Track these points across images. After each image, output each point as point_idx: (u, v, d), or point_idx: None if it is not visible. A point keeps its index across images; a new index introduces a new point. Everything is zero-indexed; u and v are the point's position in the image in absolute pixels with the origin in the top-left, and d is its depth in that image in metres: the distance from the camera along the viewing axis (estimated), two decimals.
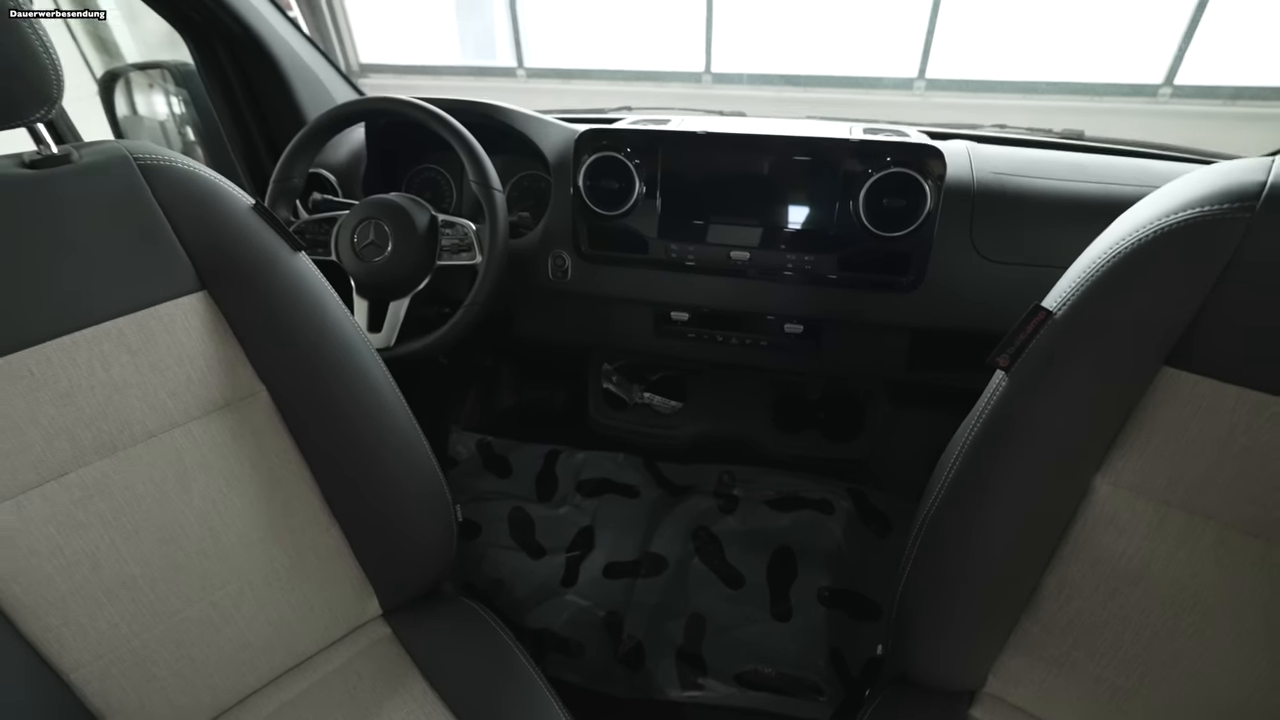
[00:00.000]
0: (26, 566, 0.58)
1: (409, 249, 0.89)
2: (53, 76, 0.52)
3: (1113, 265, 0.50)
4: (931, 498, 0.63)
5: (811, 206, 0.91)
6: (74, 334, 0.58)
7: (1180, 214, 0.48)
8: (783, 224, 0.92)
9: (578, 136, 0.96)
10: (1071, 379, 0.52)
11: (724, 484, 1.34)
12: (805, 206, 0.91)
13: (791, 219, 0.92)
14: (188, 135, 1.34)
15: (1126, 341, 0.50)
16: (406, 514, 0.77)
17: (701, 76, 3.79)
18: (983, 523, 0.59)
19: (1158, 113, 3.29)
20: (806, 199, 0.91)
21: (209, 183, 0.63)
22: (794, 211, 0.91)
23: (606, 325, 1.07)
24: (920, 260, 0.88)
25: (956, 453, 0.60)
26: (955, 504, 0.60)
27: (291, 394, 0.70)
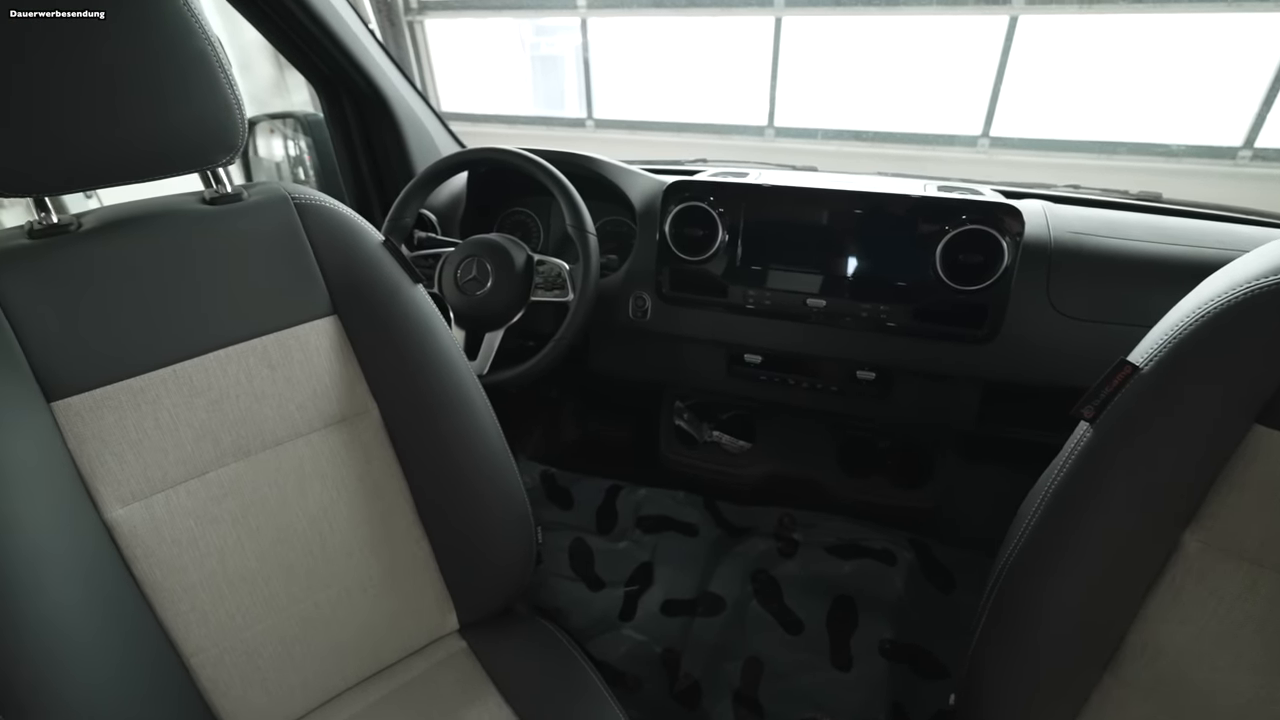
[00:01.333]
0: (169, 555, 0.64)
1: (507, 284, 0.97)
2: (240, 128, 0.61)
3: (1203, 323, 0.51)
4: (1009, 550, 0.63)
5: (886, 258, 0.95)
6: (228, 348, 0.66)
7: (1271, 279, 0.49)
8: (857, 274, 0.96)
9: (666, 186, 1.03)
10: (1159, 434, 0.53)
11: (784, 527, 1.35)
12: (880, 258, 0.95)
13: (866, 270, 0.96)
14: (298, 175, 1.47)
15: (1216, 398, 0.51)
16: (491, 534, 0.82)
17: (765, 130, 3.89)
18: (1064, 576, 0.59)
19: (1237, 175, 3.20)
20: (882, 251, 0.95)
21: (350, 220, 0.71)
22: (869, 263, 0.95)
23: (680, 364, 1.12)
24: (996, 314, 0.90)
25: (1037, 505, 0.61)
26: (1035, 557, 0.61)
27: (399, 413, 0.76)
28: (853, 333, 0.98)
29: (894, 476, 1.21)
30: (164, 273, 0.62)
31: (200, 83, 0.57)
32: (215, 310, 0.64)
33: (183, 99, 0.56)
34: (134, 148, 0.56)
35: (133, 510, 0.62)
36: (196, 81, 0.56)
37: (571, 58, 4.26)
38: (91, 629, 0.57)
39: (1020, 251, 0.88)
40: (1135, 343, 0.59)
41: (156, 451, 0.63)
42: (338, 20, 1.01)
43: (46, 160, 0.53)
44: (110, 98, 0.53)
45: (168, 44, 0.54)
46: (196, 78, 0.56)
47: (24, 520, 0.54)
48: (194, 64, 0.56)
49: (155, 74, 0.54)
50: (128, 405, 0.61)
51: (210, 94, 0.58)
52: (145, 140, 0.56)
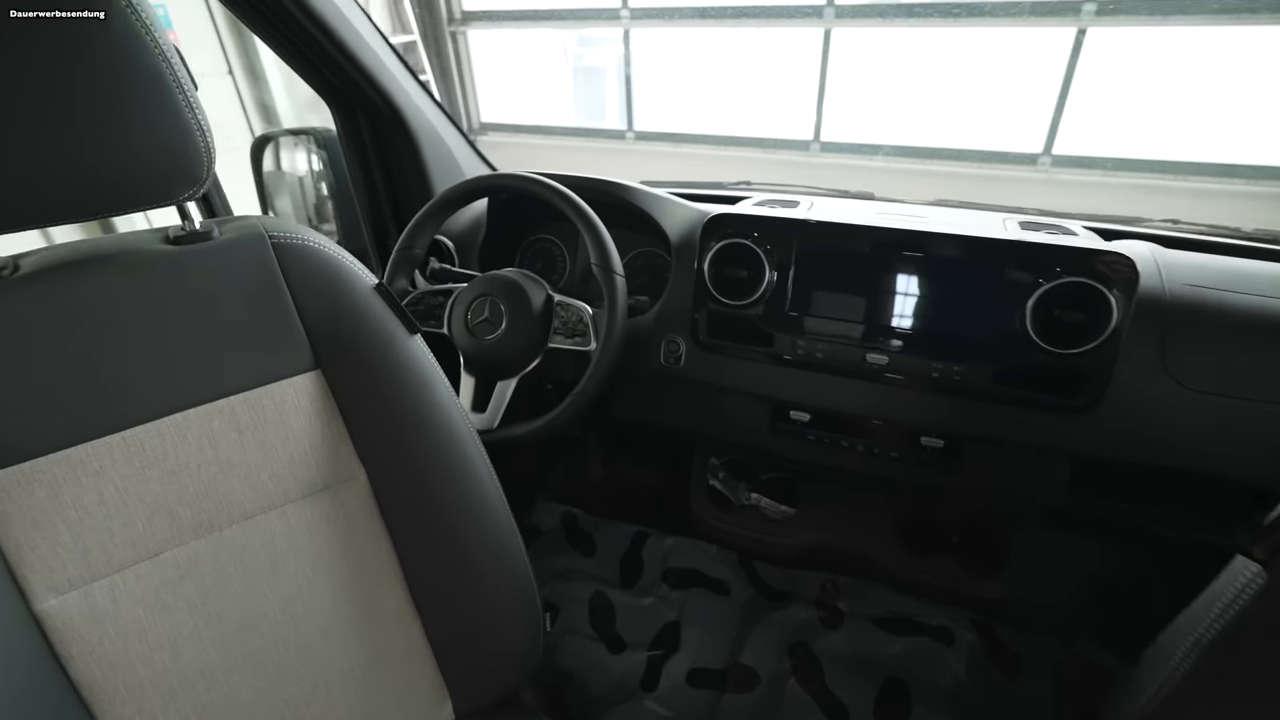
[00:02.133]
0: (112, 651, 0.55)
1: (522, 329, 0.86)
2: (204, 158, 0.52)
3: None
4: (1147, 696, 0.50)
5: (962, 310, 0.81)
6: (189, 410, 0.56)
7: None
8: (928, 327, 0.82)
9: (706, 221, 0.91)
10: None
11: (827, 594, 1.21)
12: (954, 310, 0.81)
13: (938, 323, 0.82)
14: (321, 191, 1.41)
15: None
16: (494, 617, 0.72)
17: (810, 145, 3.74)
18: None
19: None
20: (958, 303, 0.81)
21: (335, 262, 0.62)
22: (941, 315, 0.81)
23: (716, 415, 1.00)
24: (1098, 381, 0.75)
25: (1184, 650, 0.47)
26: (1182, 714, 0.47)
27: (390, 479, 0.66)
28: (919, 394, 0.84)
29: (961, 557, 1.05)
30: (115, 324, 0.53)
31: (152, 105, 0.47)
32: (173, 367, 0.55)
33: (132, 124, 0.47)
34: (78, 180, 0.47)
35: (68, 600, 0.53)
36: (147, 103, 0.47)
37: (613, 69, 4.20)
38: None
39: (1133, 308, 0.73)
40: None
41: (100, 532, 0.54)
42: (351, 33, 0.92)
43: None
44: (45, 124, 0.45)
45: (112, 58, 0.45)
46: (147, 99, 0.47)
47: None
48: (145, 84, 0.47)
49: (98, 93, 0.45)
50: (65, 479, 0.52)
51: (166, 119, 0.49)
52: (91, 171, 0.47)
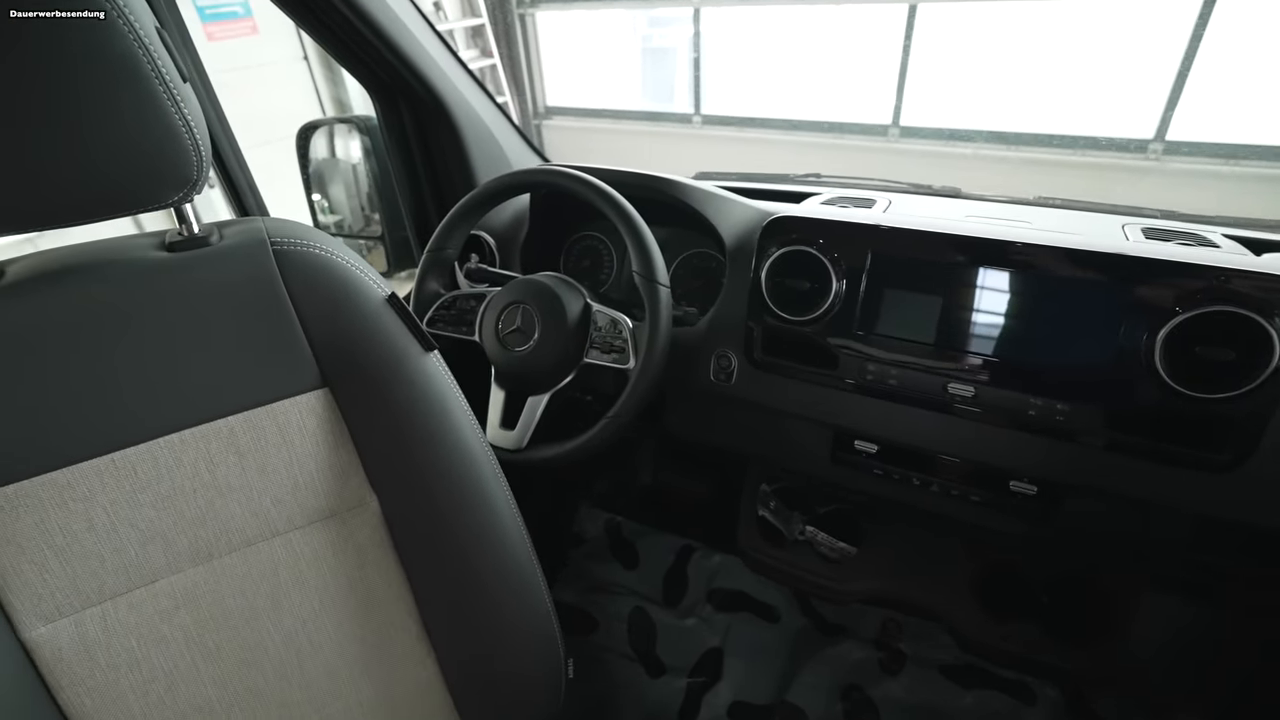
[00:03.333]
0: (104, 681, 0.52)
1: (556, 341, 0.79)
2: (193, 158, 0.46)
3: None
4: None
5: (1070, 339, 0.67)
6: (184, 431, 0.52)
7: None
8: (1026, 357, 0.70)
9: (766, 224, 0.81)
10: None
11: (888, 634, 1.10)
12: (1061, 338, 0.68)
13: (1040, 352, 0.69)
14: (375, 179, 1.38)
15: None
16: (511, 656, 0.66)
17: (889, 129, 3.51)
18: None
19: None
20: (1064, 328, 0.67)
21: (344, 270, 0.56)
22: (1044, 343, 0.68)
23: (771, 440, 0.90)
24: (1249, 433, 0.61)
25: None
26: None
27: (403, 507, 0.61)
28: (1010, 432, 0.72)
29: (1053, 624, 0.90)
30: (103, 338, 0.49)
31: (128, 101, 0.42)
32: (168, 384, 0.51)
33: (109, 120, 0.42)
34: (55, 183, 0.43)
35: (58, 628, 0.50)
36: (122, 99, 0.42)
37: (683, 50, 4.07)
38: None
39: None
40: None
41: (90, 558, 0.51)
42: (390, 18, 0.87)
43: None
44: (11, 121, 0.40)
45: (80, 44, 0.40)
46: (121, 94, 0.42)
47: None
48: (117, 73, 0.41)
49: (67, 86, 0.40)
50: (51, 503, 0.49)
51: (147, 116, 0.43)
52: (67, 174, 0.43)
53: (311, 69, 3.25)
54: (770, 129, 3.83)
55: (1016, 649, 0.90)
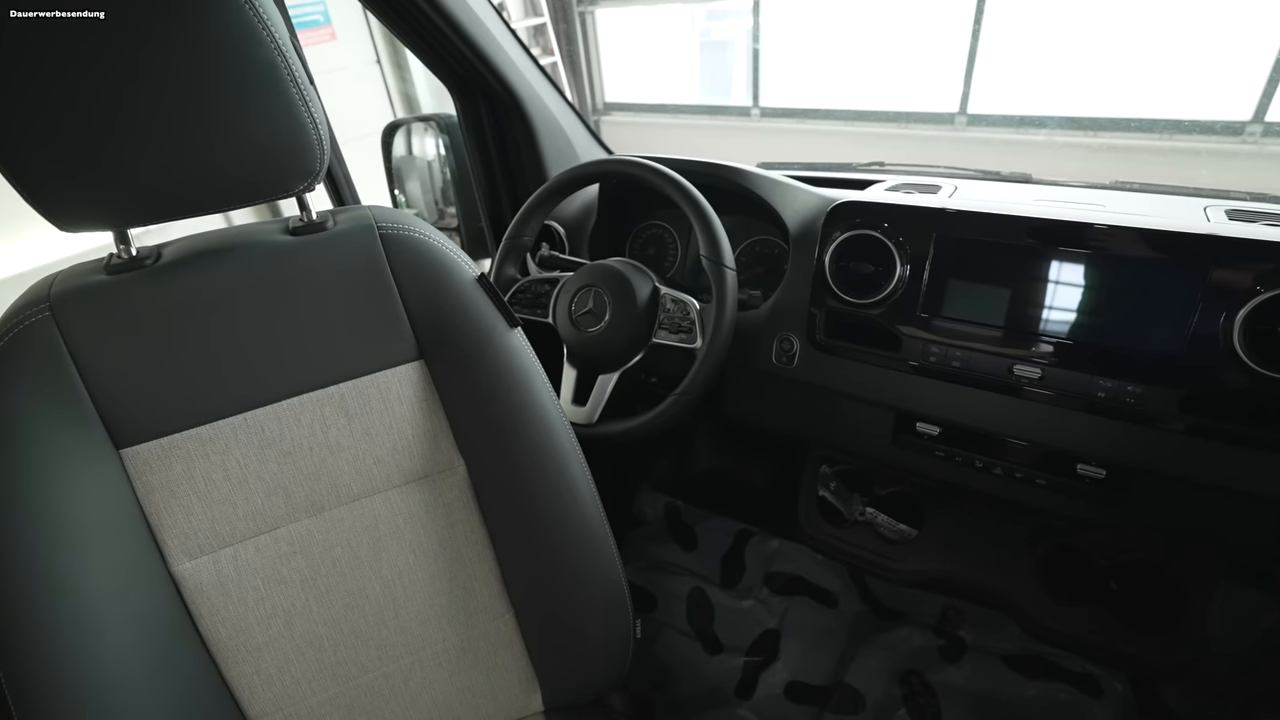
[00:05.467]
0: (235, 613, 0.60)
1: (626, 321, 0.83)
2: (318, 151, 0.53)
3: None
4: None
5: (1143, 320, 0.67)
6: (303, 395, 0.59)
7: None
8: (1094, 338, 0.69)
9: (830, 209, 0.83)
10: None
11: (949, 621, 1.10)
12: (1134, 320, 0.67)
13: (1110, 333, 0.68)
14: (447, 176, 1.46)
15: None
16: (584, 616, 0.71)
17: (956, 118, 3.41)
18: None
19: None
20: (1138, 310, 0.67)
21: (440, 253, 0.61)
22: (1115, 324, 0.68)
23: (832, 422, 0.92)
24: None
25: None
26: None
27: (488, 472, 0.66)
28: (1078, 414, 0.72)
29: (1119, 609, 0.89)
30: (240, 312, 0.56)
31: (270, 100, 0.48)
32: (290, 354, 0.58)
33: (252, 120, 0.48)
34: (205, 175, 0.49)
35: (200, 564, 0.58)
36: (265, 99, 0.48)
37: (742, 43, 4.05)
38: (155, 687, 0.54)
39: None
40: None
41: (225, 504, 0.58)
42: (472, 19, 0.93)
43: (114, 190, 0.48)
44: (176, 120, 0.47)
45: (231, 57, 0.46)
46: (265, 95, 0.48)
47: (91, 573, 0.51)
48: (263, 79, 0.48)
49: (220, 92, 0.47)
50: (196, 455, 0.56)
51: (283, 113, 0.49)
52: (217, 167, 0.49)
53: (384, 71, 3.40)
54: (831, 120, 3.77)
55: (1082, 634, 0.89)
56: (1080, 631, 0.89)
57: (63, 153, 0.45)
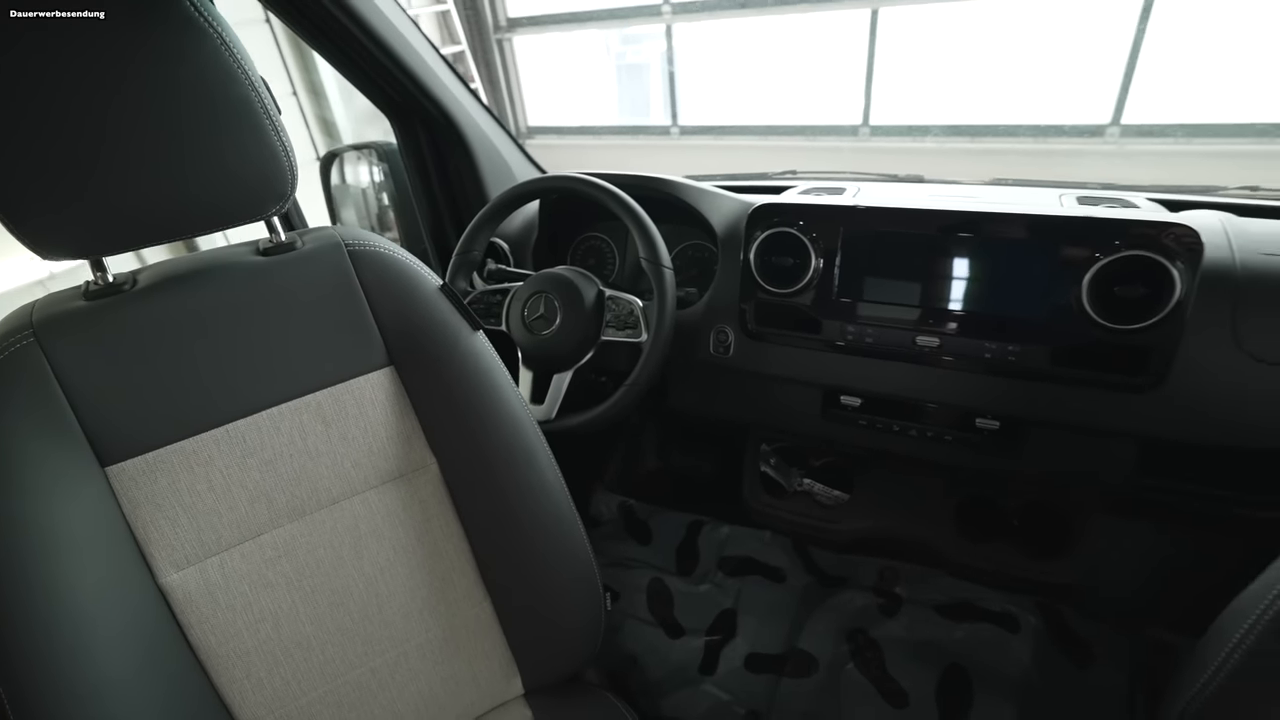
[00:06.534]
0: (223, 620, 0.62)
1: (576, 323, 0.90)
2: (289, 175, 0.57)
3: None
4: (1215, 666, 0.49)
5: (1017, 290, 0.80)
6: (281, 405, 0.62)
7: None
8: (980, 309, 0.82)
9: (751, 211, 0.93)
10: None
11: (885, 580, 1.20)
12: (1007, 290, 0.80)
13: (991, 304, 0.81)
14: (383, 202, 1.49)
15: None
16: (557, 597, 0.76)
17: (859, 129, 3.67)
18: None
19: None
20: (1011, 281, 0.80)
21: (405, 266, 0.67)
22: (993, 295, 0.81)
23: (768, 404, 1.01)
24: (1162, 357, 0.73)
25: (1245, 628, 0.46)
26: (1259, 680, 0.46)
27: (459, 468, 0.71)
28: (972, 375, 0.84)
29: (1024, 543, 1.03)
30: (217, 330, 0.59)
31: (245, 133, 0.53)
32: (268, 366, 0.61)
33: (227, 151, 0.53)
34: (183, 204, 0.53)
35: (186, 575, 0.60)
36: (240, 132, 0.53)
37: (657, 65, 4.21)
38: (147, 698, 0.55)
39: (1198, 280, 0.71)
40: None
41: (210, 514, 0.61)
42: (407, 49, 0.98)
43: (98, 221, 0.51)
44: (155, 153, 0.51)
45: (208, 92, 0.51)
46: (240, 128, 0.53)
47: (79, 588, 0.53)
48: (238, 114, 0.52)
49: (198, 125, 0.51)
50: (180, 468, 0.59)
51: (256, 143, 0.54)
52: (193, 196, 0.53)
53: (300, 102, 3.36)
54: (747, 136, 3.98)
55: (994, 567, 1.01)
56: (992, 565, 1.02)
57: (49, 187, 0.48)
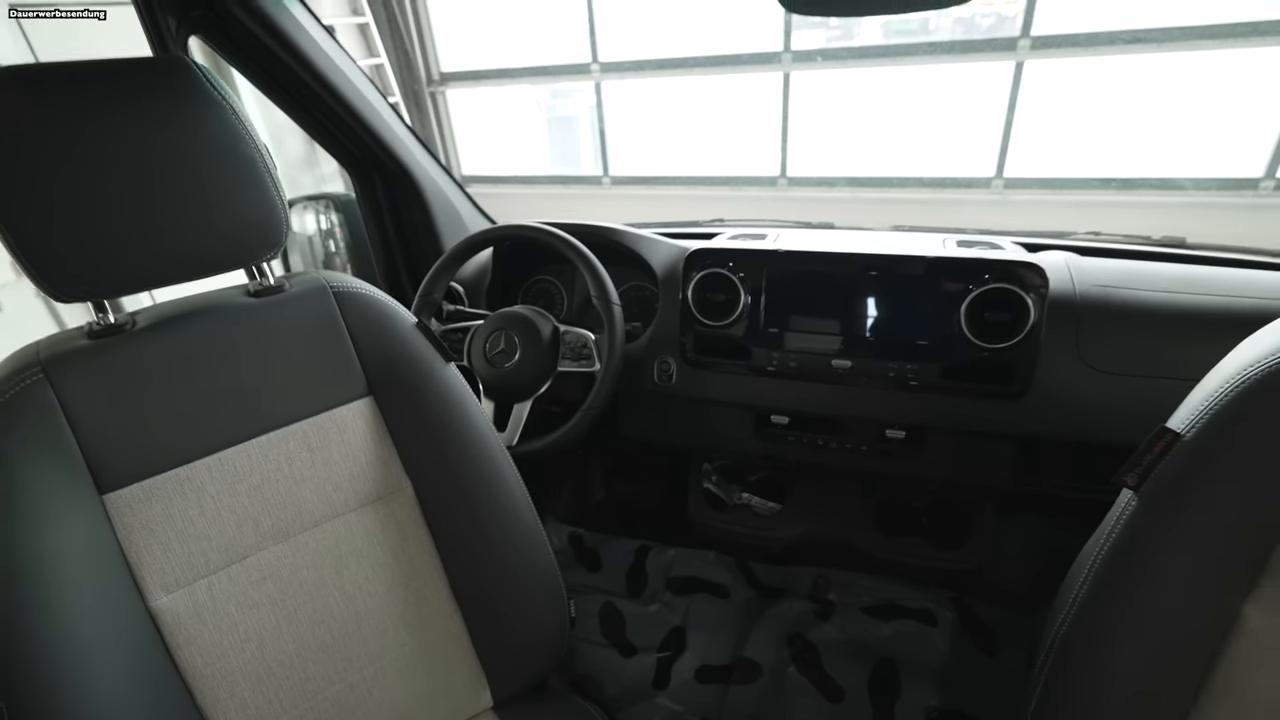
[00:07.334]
0: (210, 642, 0.65)
1: (535, 356, 0.99)
2: (284, 226, 0.64)
3: (1244, 389, 0.50)
4: (1058, 622, 0.61)
5: (910, 318, 0.95)
6: (270, 433, 0.67)
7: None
8: (883, 334, 0.97)
9: (687, 255, 1.05)
10: (1205, 503, 0.52)
11: (819, 588, 1.31)
12: (904, 318, 0.96)
13: (892, 330, 0.96)
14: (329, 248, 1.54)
15: (1263, 468, 0.50)
16: (524, 607, 0.81)
17: (778, 180, 3.96)
18: (1117, 654, 0.57)
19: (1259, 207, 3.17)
20: (905, 311, 0.95)
21: (384, 305, 0.74)
22: (894, 323, 0.96)
23: (708, 427, 1.12)
24: (1025, 370, 0.90)
25: (1085, 574, 0.59)
26: (1087, 632, 0.58)
27: (433, 490, 0.77)
28: (880, 392, 0.98)
29: (932, 536, 1.18)
30: (211, 365, 0.64)
31: (250, 188, 0.60)
32: (257, 398, 0.67)
33: (234, 203, 0.60)
34: (188, 250, 0.59)
35: (176, 598, 0.63)
36: (247, 186, 0.60)
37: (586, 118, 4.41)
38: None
39: (1046, 307, 0.88)
40: (1171, 397, 0.58)
41: (200, 538, 0.64)
42: (365, 105, 1.06)
43: (106, 265, 0.56)
44: (166, 204, 0.57)
45: (220, 153, 0.58)
46: (247, 183, 0.60)
47: (75, 614, 0.55)
48: (245, 171, 0.59)
49: (209, 181, 0.58)
50: (174, 494, 0.63)
51: (259, 197, 0.61)
52: (198, 243, 0.60)
53: None
54: (675, 185, 4.21)
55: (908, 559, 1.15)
56: (906, 557, 1.15)
57: (71, 238, 0.54)
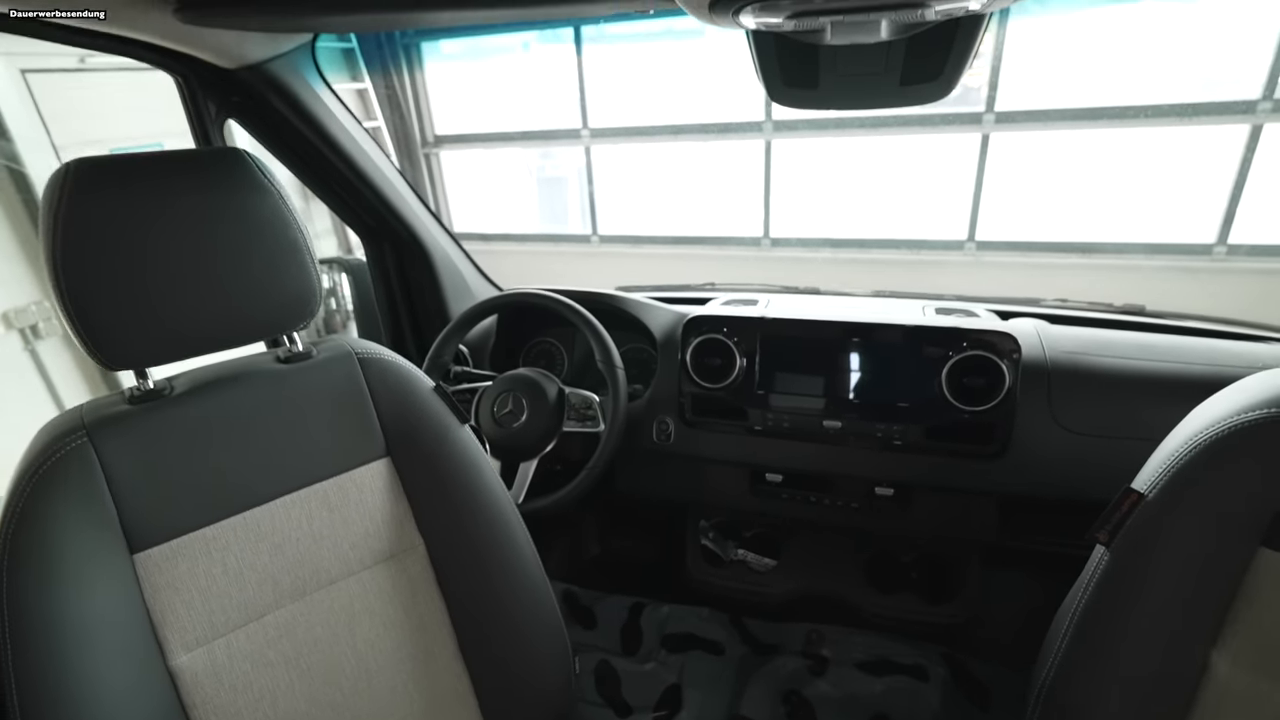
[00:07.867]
0: (225, 701, 0.66)
1: (541, 417, 1.03)
2: (317, 298, 0.69)
3: (1194, 455, 0.56)
4: (1043, 674, 0.65)
5: (894, 381, 1.02)
6: (292, 494, 0.70)
7: (1256, 413, 0.55)
8: (868, 397, 1.03)
9: (686, 321, 1.12)
10: (1170, 558, 0.57)
11: (812, 643, 1.33)
12: (889, 381, 1.02)
13: (876, 392, 1.02)
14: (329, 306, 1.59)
15: (1217, 524, 0.55)
16: (530, 664, 0.82)
17: (761, 241, 4.11)
18: (1099, 703, 0.61)
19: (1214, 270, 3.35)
20: (890, 375, 1.02)
21: (405, 369, 0.78)
22: (878, 386, 1.02)
23: (704, 484, 1.17)
24: (1003, 431, 0.96)
25: (1065, 626, 0.63)
26: (1068, 684, 0.62)
27: (445, 548, 0.79)
28: (868, 451, 1.03)
29: (922, 591, 1.21)
30: (243, 429, 0.67)
31: (291, 266, 0.65)
32: (283, 459, 0.70)
33: (278, 280, 0.65)
34: (231, 322, 0.64)
35: (195, 656, 0.65)
36: (288, 265, 0.65)
37: (575, 178, 4.57)
38: None
39: (1020, 372, 0.95)
40: (1138, 456, 0.63)
41: (221, 597, 0.66)
42: (380, 176, 1.13)
43: (156, 338, 0.61)
44: (218, 283, 0.62)
45: (269, 236, 0.63)
46: (290, 262, 0.65)
47: (99, 674, 0.57)
48: (289, 251, 0.65)
49: (257, 261, 0.63)
50: (200, 553, 0.65)
51: (299, 276, 0.66)
52: (242, 316, 0.64)
53: None
54: (661, 244, 4.35)
55: (899, 614, 1.18)
56: (897, 612, 1.18)
57: (128, 316, 0.58)
